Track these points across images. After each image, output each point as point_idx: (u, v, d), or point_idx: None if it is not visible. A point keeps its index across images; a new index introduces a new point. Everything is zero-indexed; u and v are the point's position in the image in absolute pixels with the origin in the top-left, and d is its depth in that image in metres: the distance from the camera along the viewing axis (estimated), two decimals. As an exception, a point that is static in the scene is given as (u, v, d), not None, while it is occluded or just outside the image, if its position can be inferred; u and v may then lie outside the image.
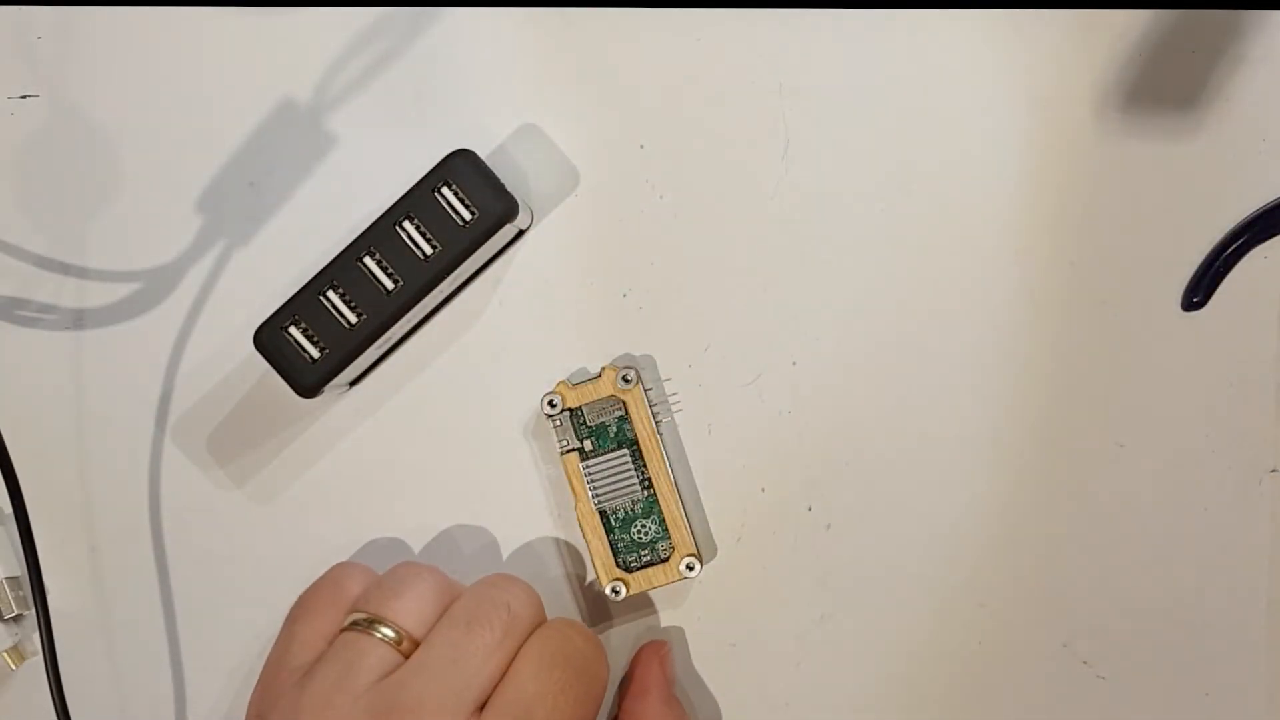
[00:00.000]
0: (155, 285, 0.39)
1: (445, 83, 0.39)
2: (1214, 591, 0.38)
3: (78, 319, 0.39)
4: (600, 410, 0.38)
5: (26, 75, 0.39)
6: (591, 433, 0.38)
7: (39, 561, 0.37)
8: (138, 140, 0.39)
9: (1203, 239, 0.38)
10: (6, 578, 0.39)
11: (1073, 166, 0.38)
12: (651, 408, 0.38)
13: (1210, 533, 0.38)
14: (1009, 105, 0.38)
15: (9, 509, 0.37)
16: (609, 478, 0.38)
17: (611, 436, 0.38)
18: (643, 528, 0.38)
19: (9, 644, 0.39)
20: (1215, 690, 0.38)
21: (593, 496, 0.38)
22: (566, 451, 0.38)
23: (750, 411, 0.39)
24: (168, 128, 0.39)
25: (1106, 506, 0.38)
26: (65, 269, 0.39)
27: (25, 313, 0.40)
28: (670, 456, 0.38)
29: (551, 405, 0.38)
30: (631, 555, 0.38)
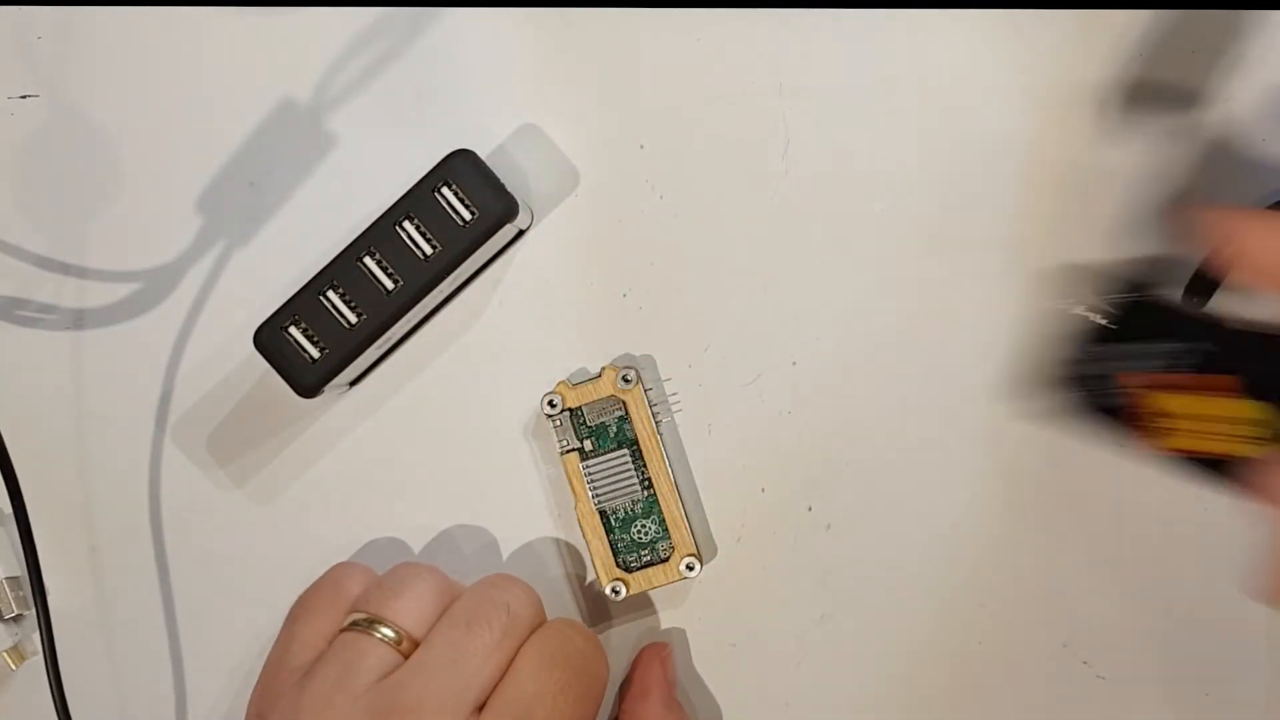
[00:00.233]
0: (155, 285, 0.39)
1: (445, 83, 0.39)
2: (1214, 591, 0.38)
3: (78, 319, 0.39)
4: (600, 410, 0.38)
5: (26, 75, 0.39)
6: (591, 433, 0.38)
7: (39, 561, 0.37)
8: (138, 140, 0.39)
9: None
10: (6, 578, 0.39)
11: (1072, 166, 0.38)
12: (651, 408, 0.38)
13: (1210, 532, 0.38)
14: (1009, 105, 0.38)
15: (9, 509, 0.37)
16: (609, 478, 0.38)
17: (611, 436, 0.38)
18: (643, 528, 0.38)
19: (9, 644, 0.39)
20: (1215, 690, 0.38)
21: (593, 496, 0.38)
22: (566, 451, 0.38)
23: (750, 411, 0.39)
24: (168, 128, 0.39)
25: (1106, 506, 0.38)
26: (65, 269, 0.39)
27: (25, 313, 0.40)
28: (670, 456, 0.38)
29: (551, 405, 0.38)
30: (631, 555, 0.38)
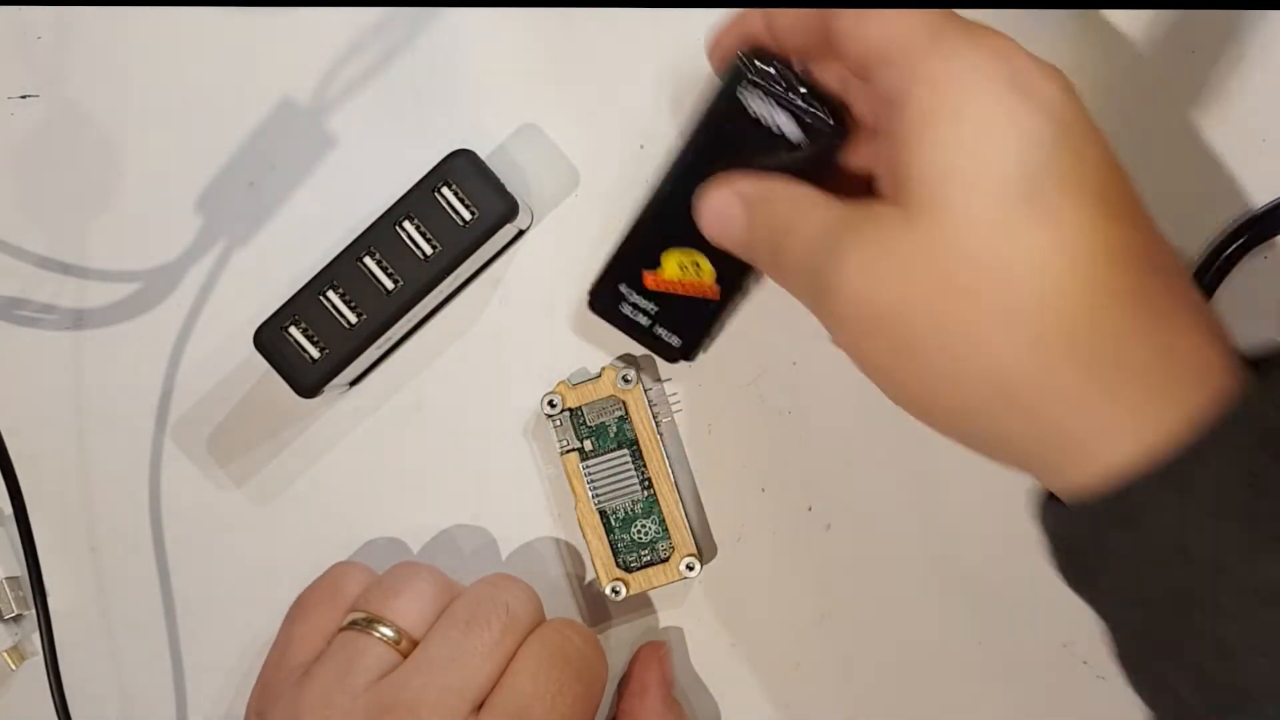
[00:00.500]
0: (155, 285, 0.39)
1: (445, 83, 0.39)
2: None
3: (78, 319, 0.39)
4: (600, 410, 0.38)
5: (26, 75, 0.39)
6: (591, 433, 0.38)
7: (39, 561, 0.37)
8: (138, 140, 0.39)
9: (1203, 239, 0.38)
10: (6, 578, 0.39)
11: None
12: (651, 408, 0.38)
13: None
14: (1009, 105, 0.38)
15: (9, 509, 0.37)
16: (609, 478, 0.38)
17: (611, 436, 0.38)
18: (643, 528, 0.38)
19: (9, 644, 0.39)
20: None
21: (593, 496, 0.38)
22: (566, 451, 0.38)
23: (750, 411, 0.39)
24: (168, 128, 0.39)
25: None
26: (65, 269, 0.39)
27: (25, 313, 0.40)
28: (670, 456, 0.38)
29: (551, 405, 0.38)
30: (631, 555, 0.38)
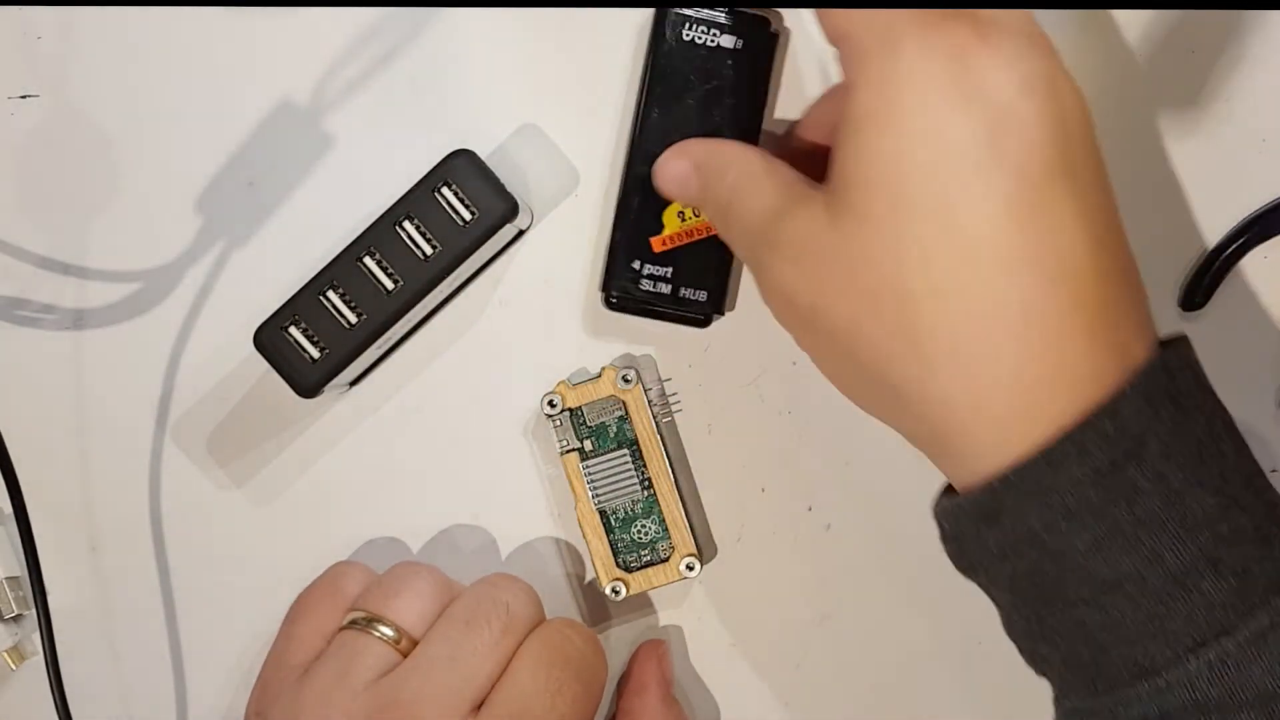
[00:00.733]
0: (155, 285, 0.39)
1: (445, 83, 0.39)
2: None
3: (78, 319, 0.39)
4: (600, 410, 0.38)
5: (26, 75, 0.39)
6: (591, 433, 0.38)
7: (39, 561, 0.37)
8: (138, 140, 0.39)
9: (1202, 239, 0.38)
10: (6, 578, 0.39)
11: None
12: (651, 408, 0.38)
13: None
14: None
15: (9, 509, 0.37)
16: (609, 478, 0.38)
17: (611, 436, 0.38)
18: (643, 528, 0.38)
19: (9, 644, 0.39)
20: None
21: (593, 496, 0.38)
22: (566, 451, 0.38)
23: (750, 411, 0.39)
24: (167, 128, 0.39)
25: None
26: (65, 269, 0.39)
27: (25, 313, 0.39)
28: (670, 456, 0.38)
29: (551, 405, 0.38)
30: (631, 555, 0.38)
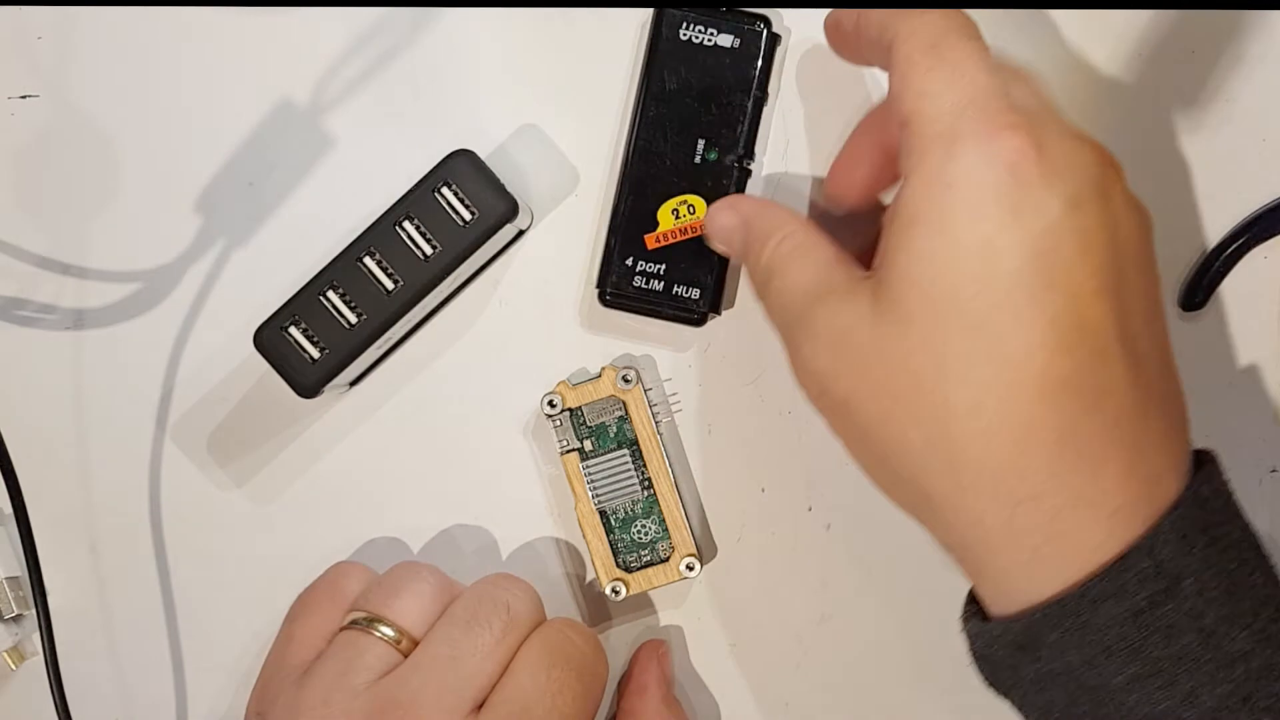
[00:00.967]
0: (155, 285, 0.39)
1: (445, 83, 0.39)
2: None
3: (78, 319, 0.39)
4: (600, 410, 0.38)
5: (26, 75, 0.39)
6: (591, 433, 0.38)
7: (39, 561, 0.37)
8: (138, 140, 0.39)
9: (1203, 239, 0.38)
10: (6, 578, 0.39)
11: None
12: (651, 408, 0.38)
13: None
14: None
15: (9, 509, 0.37)
16: (609, 478, 0.38)
17: (611, 436, 0.38)
18: (643, 528, 0.38)
19: (9, 644, 0.39)
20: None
21: (593, 496, 0.38)
22: (566, 451, 0.38)
23: (750, 411, 0.39)
24: (167, 128, 0.39)
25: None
26: (65, 269, 0.39)
27: (25, 313, 0.39)
28: (670, 456, 0.38)
29: (551, 405, 0.38)
30: (631, 555, 0.38)
